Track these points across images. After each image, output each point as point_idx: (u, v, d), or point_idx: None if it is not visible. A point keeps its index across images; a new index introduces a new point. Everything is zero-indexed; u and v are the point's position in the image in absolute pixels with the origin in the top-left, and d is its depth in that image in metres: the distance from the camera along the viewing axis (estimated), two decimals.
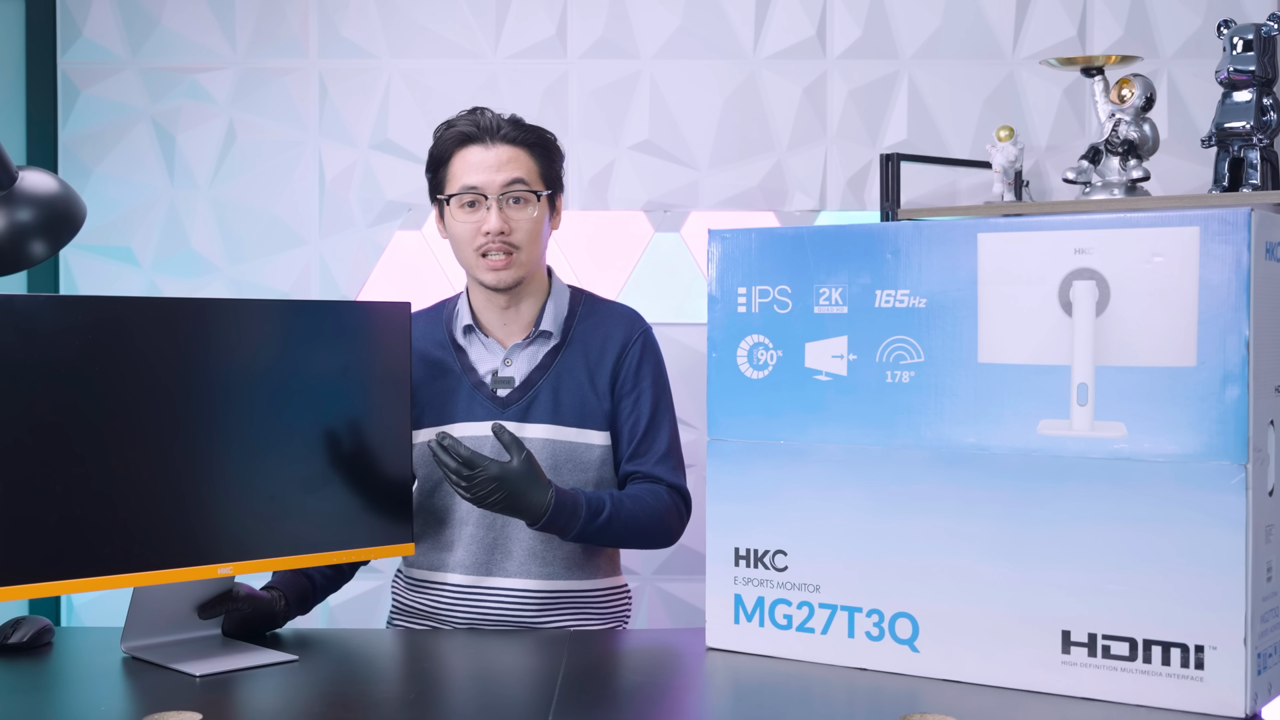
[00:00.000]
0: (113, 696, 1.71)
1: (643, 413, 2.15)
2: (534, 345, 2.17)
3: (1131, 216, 1.59)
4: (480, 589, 2.12)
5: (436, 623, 2.14)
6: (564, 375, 2.15)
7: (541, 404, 2.13)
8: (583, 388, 2.15)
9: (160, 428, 1.80)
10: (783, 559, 1.82)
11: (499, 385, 2.15)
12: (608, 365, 2.16)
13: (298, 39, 3.05)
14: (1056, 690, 1.63)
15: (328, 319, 1.97)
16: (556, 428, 2.13)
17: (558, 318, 2.18)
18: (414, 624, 2.18)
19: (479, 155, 2.12)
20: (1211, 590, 1.54)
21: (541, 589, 2.10)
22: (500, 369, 2.16)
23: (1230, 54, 2.52)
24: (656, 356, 2.22)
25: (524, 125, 2.17)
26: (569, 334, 2.18)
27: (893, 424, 1.73)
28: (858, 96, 3.03)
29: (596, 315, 2.21)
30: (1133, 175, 2.62)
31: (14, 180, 1.68)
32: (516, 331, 2.19)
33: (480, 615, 2.11)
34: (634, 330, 2.20)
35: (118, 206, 3.06)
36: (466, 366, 2.17)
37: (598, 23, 3.03)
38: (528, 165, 2.14)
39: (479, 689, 1.80)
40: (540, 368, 2.15)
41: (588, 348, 2.17)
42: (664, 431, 2.18)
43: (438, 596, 2.14)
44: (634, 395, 2.15)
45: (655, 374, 2.19)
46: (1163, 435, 1.57)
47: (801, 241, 1.80)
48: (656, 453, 2.16)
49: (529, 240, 2.12)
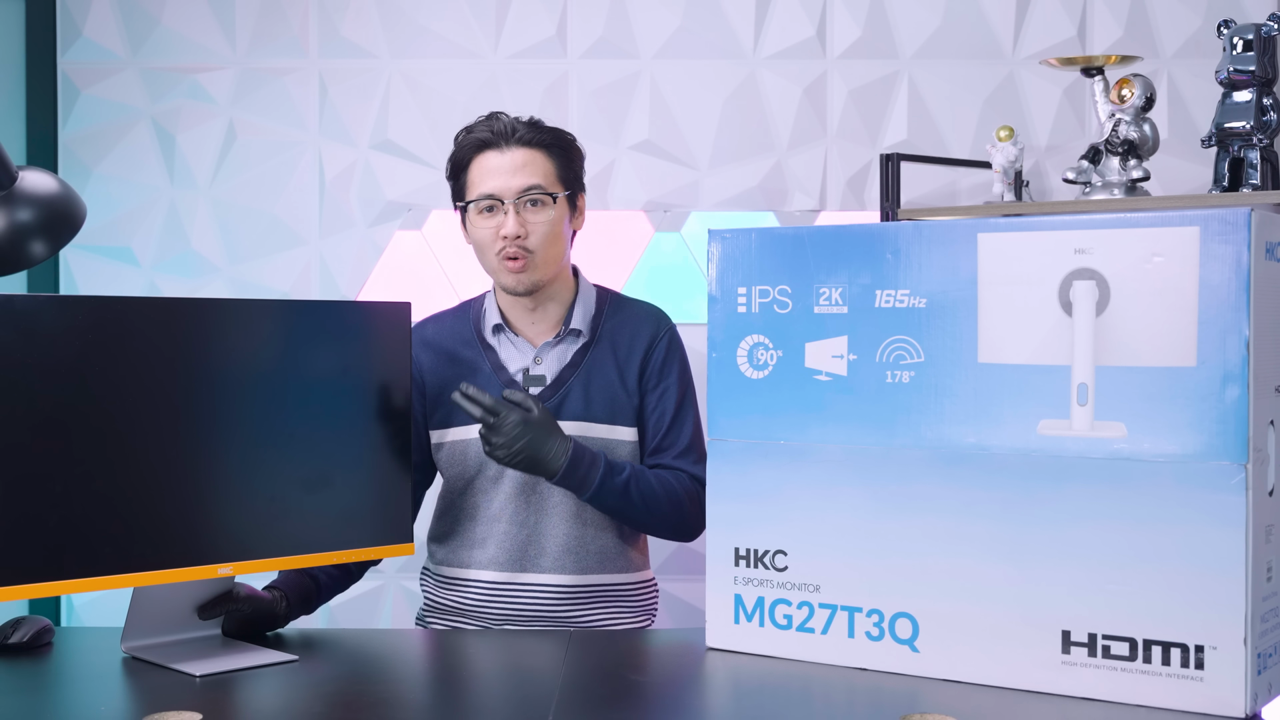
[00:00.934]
0: (113, 696, 1.71)
1: (667, 407, 2.19)
2: (564, 344, 2.20)
3: (1131, 216, 1.59)
4: (514, 584, 2.15)
5: (468, 619, 2.18)
6: (594, 372, 2.18)
7: (573, 401, 2.16)
8: (613, 384, 2.18)
9: (160, 428, 1.80)
10: (783, 559, 1.82)
11: (531, 383, 2.18)
12: (636, 361, 2.20)
13: (298, 39, 3.05)
14: (1056, 690, 1.63)
15: (328, 319, 1.97)
16: (588, 424, 2.16)
17: (586, 316, 2.21)
18: (445, 620, 2.21)
19: (495, 160, 2.14)
20: (1211, 590, 1.54)
21: (575, 584, 2.13)
22: (531, 367, 2.19)
23: (1230, 54, 2.52)
24: (682, 353, 2.26)
25: (541, 127, 2.19)
26: (598, 332, 2.21)
27: (893, 424, 1.73)
28: (858, 96, 3.03)
29: (624, 313, 2.25)
30: (1133, 175, 2.62)
31: (14, 180, 1.68)
32: (545, 330, 2.21)
33: (514, 610, 2.14)
34: (661, 327, 2.24)
35: (118, 206, 3.06)
36: (497, 365, 2.20)
37: (598, 23, 3.03)
38: (544, 167, 2.15)
39: (479, 689, 1.80)
40: (571, 365, 2.18)
41: (616, 345, 2.21)
42: (688, 425, 2.22)
43: (470, 593, 2.18)
44: (659, 390, 2.20)
45: (680, 370, 2.23)
46: (1163, 435, 1.57)
47: (801, 241, 1.80)
48: (679, 446, 2.20)
49: (545, 243, 2.14)
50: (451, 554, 2.20)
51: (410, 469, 2.02)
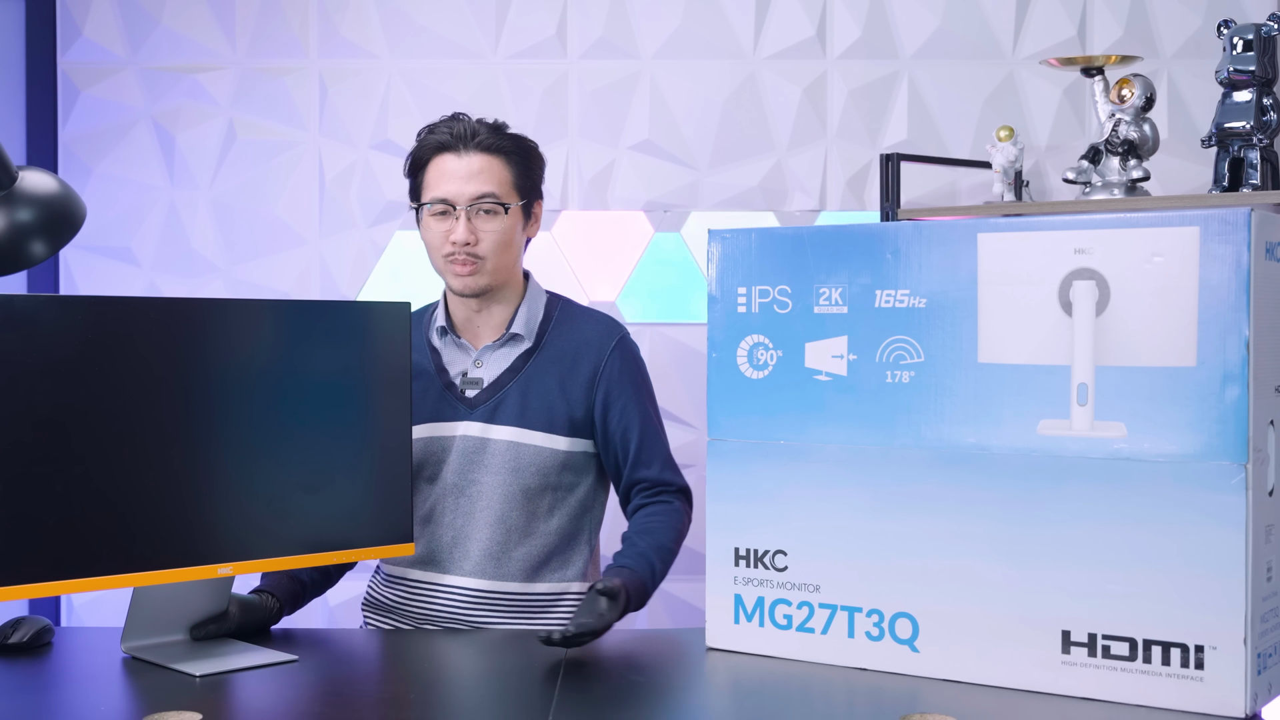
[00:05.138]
0: (113, 696, 1.71)
1: (632, 420, 2.16)
2: (505, 348, 2.18)
3: (1131, 216, 1.59)
4: (435, 585, 2.15)
5: (398, 617, 2.17)
6: (533, 379, 2.16)
7: (509, 406, 2.14)
8: (551, 393, 2.15)
9: (160, 428, 1.80)
10: (783, 559, 1.82)
11: (468, 386, 2.16)
12: (582, 373, 2.16)
13: (298, 39, 3.05)
14: (1056, 690, 1.63)
15: (328, 319, 1.97)
16: (522, 430, 2.13)
17: (530, 321, 2.19)
18: (382, 617, 2.20)
19: (452, 164, 2.13)
20: (1211, 590, 1.54)
21: (494, 589, 2.12)
22: (470, 370, 2.18)
23: (1230, 54, 2.52)
24: (636, 360, 2.22)
25: (503, 133, 2.16)
26: (542, 338, 2.19)
27: (893, 424, 1.73)
28: (858, 96, 3.03)
29: (571, 322, 2.21)
30: (1133, 175, 2.62)
31: (14, 180, 1.68)
32: (488, 333, 2.20)
33: (432, 611, 2.14)
34: (609, 338, 2.20)
35: (118, 206, 3.06)
36: (439, 367, 2.19)
37: (598, 23, 3.03)
38: (500, 175, 2.13)
39: (479, 689, 1.80)
40: (510, 370, 2.16)
41: (560, 353, 2.18)
42: (661, 435, 2.21)
43: (400, 590, 2.18)
44: (621, 403, 2.16)
45: (638, 379, 2.20)
46: (1163, 435, 1.57)
47: (801, 241, 1.80)
48: (659, 458, 2.18)
49: (495, 250, 2.12)
50: None
51: (409, 469, 2.02)
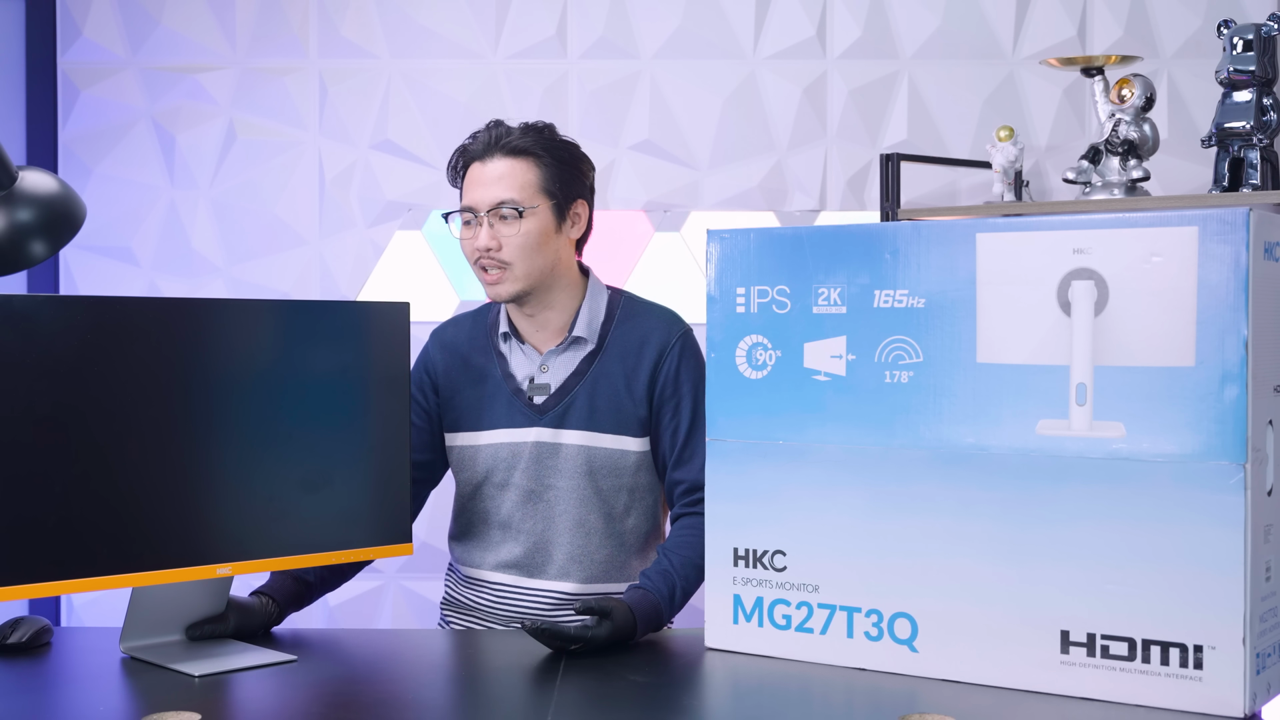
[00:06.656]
0: (112, 696, 1.71)
1: (683, 419, 2.14)
2: (570, 351, 2.17)
3: (1130, 216, 1.59)
4: (523, 589, 2.16)
5: (482, 617, 2.19)
6: (600, 381, 2.14)
7: (577, 411, 2.13)
8: (619, 394, 2.14)
9: (160, 428, 1.80)
10: (782, 559, 1.82)
11: (535, 392, 2.15)
12: (645, 371, 2.15)
13: (298, 39, 3.05)
14: (1055, 690, 1.63)
15: (328, 319, 1.97)
16: (592, 434, 2.13)
17: (592, 323, 2.17)
18: (462, 616, 2.22)
19: (476, 172, 2.13)
20: (1210, 590, 1.54)
21: (581, 591, 2.13)
22: (536, 375, 2.17)
23: (1230, 54, 2.52)
24: (696, 359, 2.18)
25: (532, 134, 2.13)
26: (605, 339, 2.17)
27: (891, 424, 1.73)
28: (858, 96, 3.03)
29: (634, 319, 2.19)
30: (1133, 175, 2.62)
31: (14, 180, 1.68)
32: (550, 338, 2.18)
33: (523, 613, 2.15)
34: (672, 334, 2.17)
35: (118, 206, 3.06)
36: (505, 373, 2.18)
37: (598, 23, 3.03)
38: (524, 178, 2.10)
39: (479, 689, 1.80)
40: (576, 374, 2.15)
41: (625, 353, 2.16)
42: (704, 436, 2.17)
43: (484, 592, 2.19)
44: (674, 401, 2.15)
45: (695, 379, 2.16)
46: (1161, 435, 1.57)
47: (800, 242, 1.80)
48: (701, 459, 2.14)
49: (521, 255, 2.10)
50: (467, 554, 2.21)
51: (409, 469, 2.02)
